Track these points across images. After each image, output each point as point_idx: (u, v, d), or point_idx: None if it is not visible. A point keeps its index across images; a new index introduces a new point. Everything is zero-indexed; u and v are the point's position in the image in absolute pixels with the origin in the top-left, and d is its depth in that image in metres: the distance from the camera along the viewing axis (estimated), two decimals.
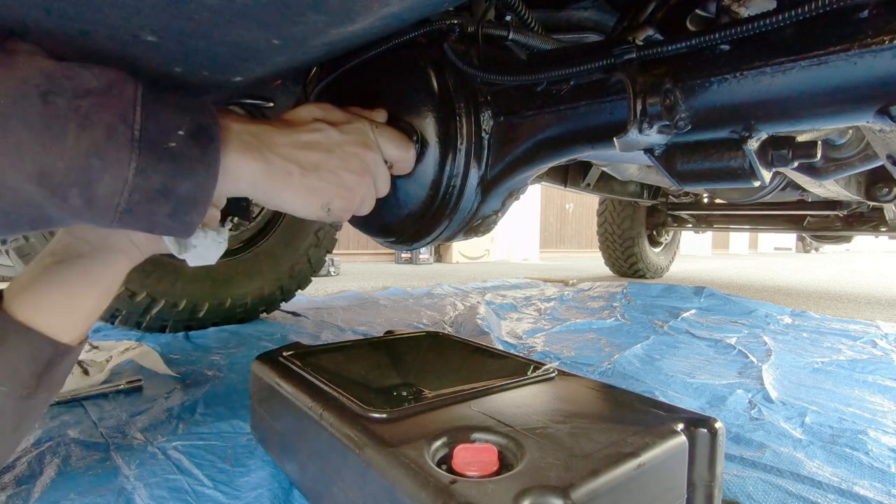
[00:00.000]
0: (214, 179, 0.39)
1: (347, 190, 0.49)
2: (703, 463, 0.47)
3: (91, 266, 0.48)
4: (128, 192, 0.35)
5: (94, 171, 0.34)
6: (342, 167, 0.49)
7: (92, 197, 0.34)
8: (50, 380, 0.46)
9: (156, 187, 0.36)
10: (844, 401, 0.98)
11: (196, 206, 0.38)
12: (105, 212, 0.35)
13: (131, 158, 0.35)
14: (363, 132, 0.52)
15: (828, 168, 0.84)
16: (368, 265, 4.71)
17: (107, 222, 0.36)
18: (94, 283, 0.48)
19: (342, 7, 0.42)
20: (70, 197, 0.34)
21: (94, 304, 0.48)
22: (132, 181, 0.35)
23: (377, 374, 0.68)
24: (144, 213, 0.37)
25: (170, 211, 0.37)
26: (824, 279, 3.96)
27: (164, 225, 0.38)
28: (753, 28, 0.39)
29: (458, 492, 0.36)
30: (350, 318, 1.72)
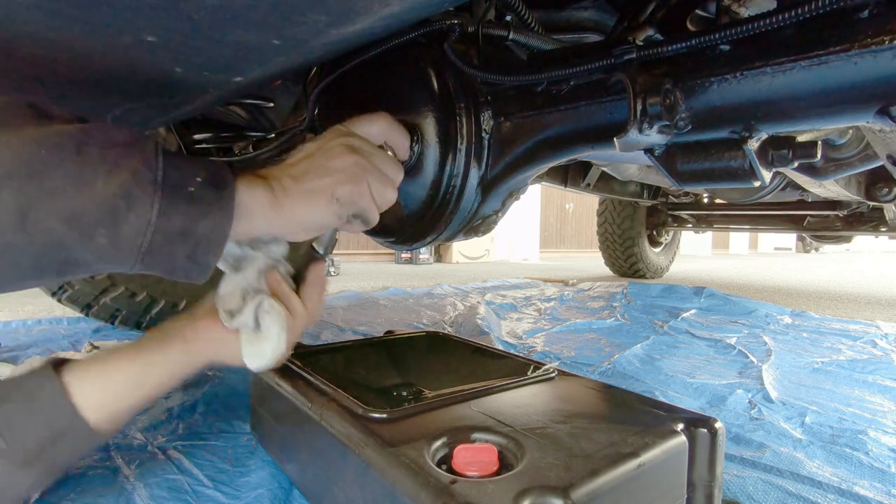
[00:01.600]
0: (230, 219, 0.42)
1: (342, 172, 0.49)
2: (703, 463, 0.47)
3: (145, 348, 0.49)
4: (150, 233, 0.38)
5: (120, 212, 0.37)
6: (326, 159, 0.50)
7: (117, 237, 0.37)
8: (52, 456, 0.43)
9: (176, 228, 0.39)
10: (844, 401, 0.98)
11: (212, 246, 0.41)
12: (129, 252, 0.38)
13: (154, 200, 0.38)
14: (334, 130, 0.53)
15: (828, 168, 0.84)
16: (368, 265, 4.71)
17: (129, 263, 0.39)
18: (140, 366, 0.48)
19: (342, 7, 0.42)
20: (97, 237, 0.37)
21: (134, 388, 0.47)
22: (155, 222, 0.38)
23: (377, 374, 0.68)
24: (165, 254, 0.39)
25: (188, 252, 0.40)
26: (824, 279, 3.96)
27: (182, 267, 0.41)
28: (753, 28, 0.39)
29: (458, 492, 0.36)
30: (350, 318, 1.72)
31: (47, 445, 0.43)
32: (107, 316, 1.29)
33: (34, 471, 0.43)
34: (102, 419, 0.45)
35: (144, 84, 0.59)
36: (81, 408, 0.44)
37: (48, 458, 0.43)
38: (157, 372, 0.49)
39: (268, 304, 0.51)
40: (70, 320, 1.50)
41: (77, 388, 0.44)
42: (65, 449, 0.44)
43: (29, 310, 1.77)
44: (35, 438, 0.42)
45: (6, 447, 0.41)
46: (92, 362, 0.46)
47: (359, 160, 0.50)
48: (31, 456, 0.42)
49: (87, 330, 1.41)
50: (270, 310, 0.51)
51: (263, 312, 0.51)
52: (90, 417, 0.44)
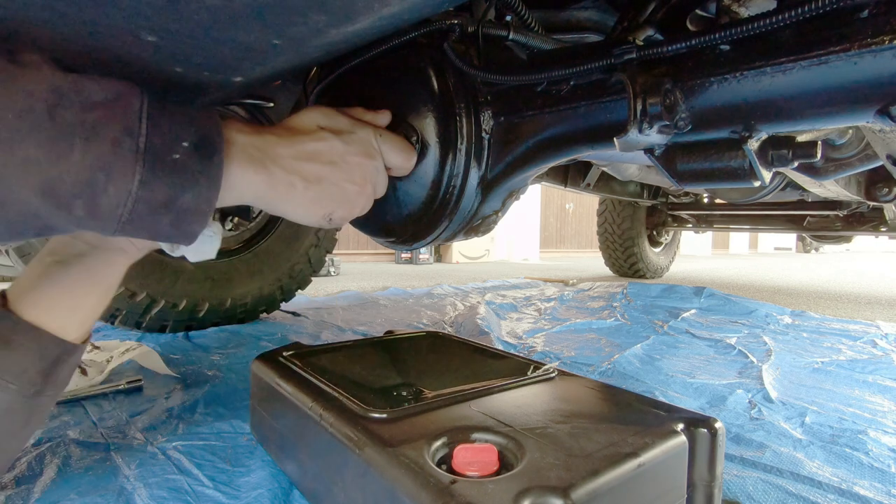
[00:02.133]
0: (217, 191, 0.39)
1: (349, 200, 0.50)
2: (703, 463, 0.47)
3: (91, 264, 0.49)
4: (131, 204, 0.36)
5: (98, 184, 0.34)
6: (345, 179, 0.49)
7: (96, 208, 0.35)
8: (56, 378, 0.47)
9: (159, 199, 0.37)
10: (844, 401, 0.98)
11: (198, 216, 0.39)
12: (108, 222, 0.36)
13: (136, 171, 0.35)
14: (366, 142, 0.53)
15: (828, 168, 0.84)
16: (368, 265, 4.71)
17: (109, 231, 0.37)
18: (95, 282, 0.49)
19: (342, 7, 0.42)
20: (74, 209, 0.35)
21: (95, 302, 0.49)
22: (136, 193, 0.36)
23: (377, 374, 0.68)
24: (146, 223, 0.37)
25: (171, 220, 0.38)
26: (824, 279, 3.96)
27: (165, 234, 0.39)
28: (753, 28, 0.39)
29: (458, 492, 0.36)
30: (350, 318, 1.72)
31: (50, 372, 0.45)
32: (107, 316, 1.29)
33: (43, 398, 0.46)
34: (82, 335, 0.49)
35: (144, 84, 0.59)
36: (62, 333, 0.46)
37: (52, 380, 0.46)
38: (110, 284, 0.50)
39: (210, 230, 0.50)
40: None
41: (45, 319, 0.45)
42: (63, 369, 0.47)
43: None
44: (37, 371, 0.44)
45: (17, 387, 0.43)
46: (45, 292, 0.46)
47: (367, 191, 0.51)
48: (41, 385, 0.45)
49: None
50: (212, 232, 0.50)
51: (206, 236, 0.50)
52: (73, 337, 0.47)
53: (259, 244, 1.54)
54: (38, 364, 0.44)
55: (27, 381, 0.44)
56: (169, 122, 0.37)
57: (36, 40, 0.45)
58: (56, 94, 0.34)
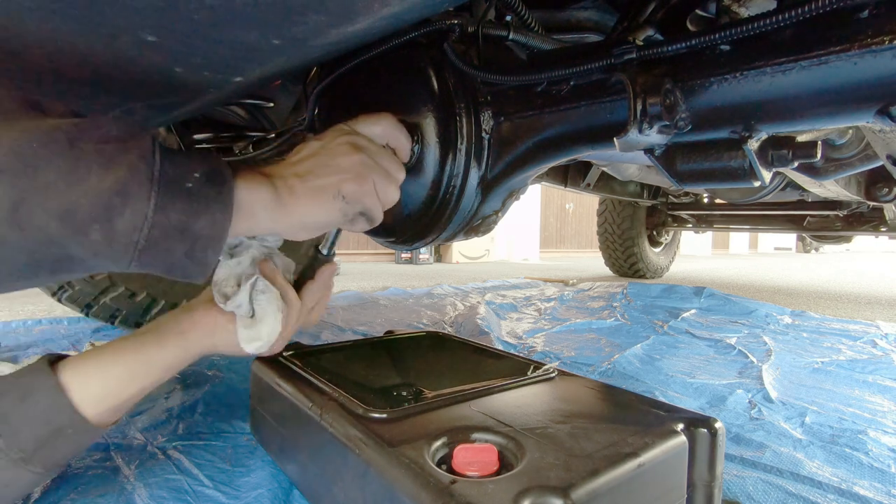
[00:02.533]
0: (230, 216, 0.41)
1: (348, 171, 0.49)
2: (703, 463, 0.47)
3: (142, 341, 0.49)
4: (147, 229, 0.37)
5: (115, 208, 0.36)
6: (331, 157, 0.50)
7: (112, 233, 0.36)
8: (51, 452, 0.43)
9: (174, 224, 0.38)
10: (844, 401, 0.98)
11: (212, 243, 0.40)
12: (124, 249, 0.37)
13: (151, 195, 0.37)
14: (337, 128, 0.53)
15: (828, 168, 0.84)
16: (368, 265, 4.71)
17: (125, 261, 0.38)
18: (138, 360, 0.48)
19: (342, 7, 0.42)
20: (91, 233, 0.35)
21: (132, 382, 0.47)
22: (151, 217, 0.37)
23: (377, 374, 0.68)
24: (162, 251, 0.38)
25: (187, 249, 0.39)
26: (824, 279, 3.96)
27: (181, 265, 0.40)
28: (753, 28, 0.39)
29: (458, 492, 0.36)
30: (350, 318, 1.72)
31: (46, 442, 0.43)
32: (107, 316, 1.29)
33: (33, 468, 0.43)
34: (101, 414, 0.46)
35: (144, 84, 0.59)
36: (79, 403, 0.44)
37: (47, 454, 0.43)
38: (154, 364, 0.49)
39: (262, 284, 0.51)
40: (70, 320, 1.50)
41: (74, 384, 0.44)
42: (64, 445, 0.44)
43: (29, 310, 1.77)
44: (33, 435, 0.42)
45: (4, 444, 0.41)
46: (87, 357, 0.46)
47: (364, 158, 0.50)
48: (30, 453, 0.42)
49: (87, 330, 1.41)
50: (266, 290, 0.51)
51: (258, 293, 0.50)
52: (88, 413, 0.44)
53: None
54: (36, 427, 0.42)
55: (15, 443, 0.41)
56: (180, 156, 0.40)
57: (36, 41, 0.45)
58: (76, 128, 0.36)
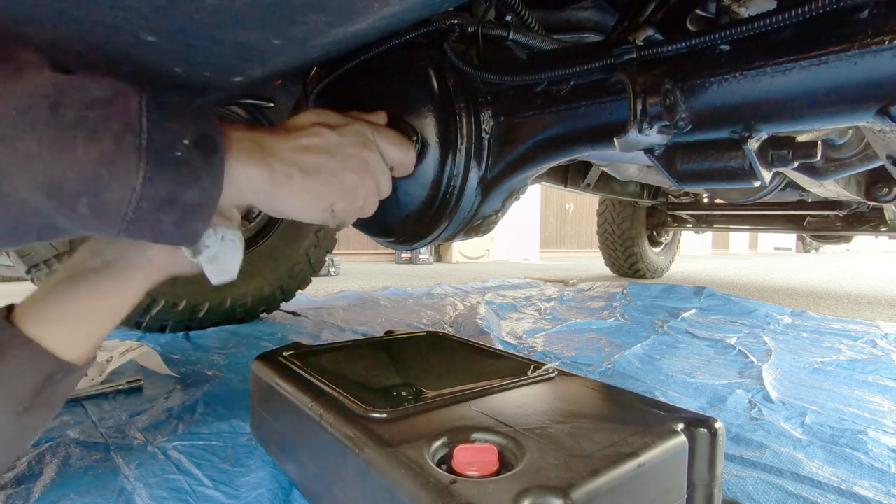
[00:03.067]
0: (220, 187, 0.39)
1: (349, 191, 0.49)
2: (703, 463, 0.47)
3: (103, 282, 0.47)
4: (135, 201, 0.35)
5: (102, 181, 0.34)
6: (343, 168, 0.49)
7: (100, 206, 0.35)
8: (48, 397, 0.44)
9: (162, 196, 0.36)
10: (844, 401, 0.98)
11: (201, 213, 0.39)
12: (112, 221, 0.36)
13: (139, 167, 0.35)
14: (362, 133, 0.52)
15: (828, 168, 0.84)
16: (368, 265, 4.71)
17: (113, 232, 0.37)
18: (104, 300, 0.47)
19: (342, 7, 0.42)
20: (78, 207, 0.34)
21: (103, 321, 0.47)
22: (140, 190, 0.35)
23: (377, 374, 0.68)
24: (150, 221, 0.37)
25: (175, 219, 0.38)
26: (824, 279, 3.96)
27: (169, 233, 0.38)
28: (753, 28, 0.39)
29: (458, 492, 0.36)
30: (350, 318, 1.72)
31: (42, 389, 0.43)
32: None
33: (32, 418, 0.44)
34: (83, 355, 0.47)
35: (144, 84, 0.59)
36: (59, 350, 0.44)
37: (45, 399, 0.44)
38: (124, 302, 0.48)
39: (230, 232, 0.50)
40: None
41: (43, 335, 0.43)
42: (58, 388, 0.45)
43: None
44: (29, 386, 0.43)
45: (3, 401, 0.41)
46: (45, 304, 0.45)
47: (368, 183, 0.50)
48: (29, 402, 0.43)
49: None
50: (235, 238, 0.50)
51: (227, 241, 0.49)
52: (72, 356, 0.45)
53: (259, 244, 1.54)
54: (28, 380, 0.43)
55: (14, 397, 0.42)
56: (168, 120, 0.37)
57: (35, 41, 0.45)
58: (57, 91, 0.34)
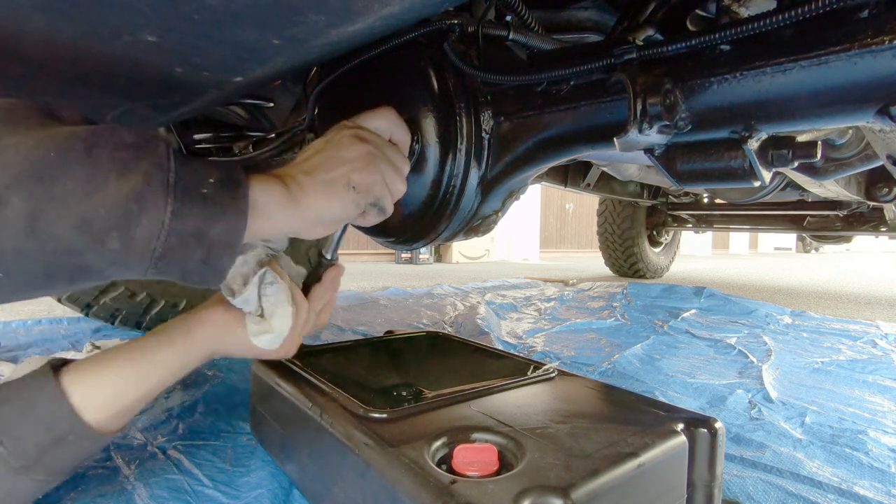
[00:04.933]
0: (244, 221, 0.41)
1: (356, 160, 0.49)
2: (703, 463, 0.47)
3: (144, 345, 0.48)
4: (164, 236, 0.37)
5: (132, 216, 0.36)
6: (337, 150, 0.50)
7: (130, 240, 0.36)
8: (53, 460, 0.42)
9: (190, 231, 0.38)
10: (844, 401, 0.98)
11: (228, 249, 0.40)
12: (142, 257, 0.37)
13: (167, 202, 0.37)
14: (340, 125, 0.53)
15: (828, 168, 0.84)
16: (368, 265, 4.71)
17: (142, 269, 0.38)
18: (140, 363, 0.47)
19: (342, 7, 0.42)
20: (109, 241, 0.35)
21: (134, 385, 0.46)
22: (168, 224, 0.37)
23: (377, 374, 0.68)
24: (179, 258, 0.38)
25: (203, 256, 0.39)
26: (824, 279, 3.96)
27: (197, 271, 0.40)
28: (753, 28, 0.39)
29: (458, 492, 0.36)
30: (350, 318, 1.72)
31: (48, 449, 0.42)
32: (107, 316, 1.29)
33: (35, 475, 0.42)
34: (105, 419, 0.45)
35: (144, 84, 0.59)
36: (82, 409, 0.43)
37: (49, 461, 0.42)
38: (158, 366, 0.48)
39: (271, 276, 0.50)
40: (70, 320, 1.50)
41: (76, 390, 0.43)
42: (66, 452, 0.43)
43: (29, 310, 1.77)
44: (34, 442, 0.41)
45: (5, 452, 0.40)
46: (91, 362, 0.45)
47: (370, 149, 0.50)
48: (31, 460, 0.41)
49: (87, 330, 1.41)
50: (274, 281, 0.50)
51: (266, 286, 0.50)
52: (91, 419, 0.43)
53: None
54: (37, 433, 0.41)
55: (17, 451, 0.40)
56: (195, 162, 0.40)
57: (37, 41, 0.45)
58: (92, 135, 0.36)
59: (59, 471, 0.44)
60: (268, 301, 0.50)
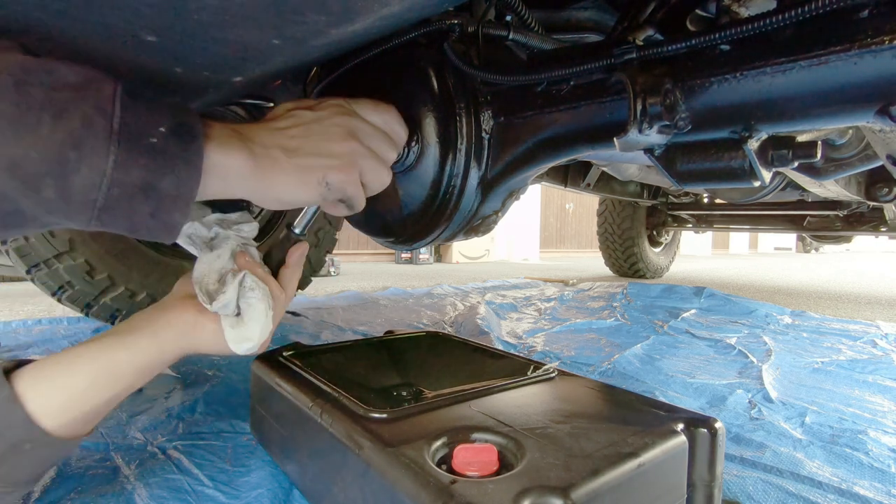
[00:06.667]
0: (198, 175, 0.38)
1: (338, 158, 0.47)
2: (703, 463, 0.47)
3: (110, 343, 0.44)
4: (106, 187, 0.34)
5: (70, 163, 0.33)
6: (324, 138, 0.47)
7: (67, 190, 0.33)
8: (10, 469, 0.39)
9: (136, 183, 0.35)
10: (844, 401, 0.98)
11: (179, 203, 0.37)
12: (82, 207, 0.34)
13: (109, 151, 0.33)
14: (337, 104, 0.50)
15: (828, 168, 0.84)
16: (368, 265, 4.71)
17: (84, 220, 0.35)
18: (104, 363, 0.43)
19: (342, 7, 0.42)
20: (44, 189, 0.33)
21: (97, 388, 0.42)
22: (111, 175, 0.34)
23: (377, 374, 0.68)
24: (124, 210, 0.35)
25: (151, 209, 0.36)
26: (824, 279, 3.96)
27: (145, 225, 0.37)
28: (753, 28, 0.39)
29: (458, 492, 0.36)
30: (350, 318, 1.72)
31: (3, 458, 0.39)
32: (107, 316, 1.29)
33: None
34: (64, 425, 0.41)
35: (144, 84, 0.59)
36: (39, 415, 0.39)
37: (5, 472, 0.39)
38: (123, 369, 0.44)
39: (250, 280, 0.48)
40: (70, 320, 1.50)
41: (31, 394, 0.39)
42: (24, 461, 0.40)
43: (29, 309, 1.77)
44: None
45: None
46: (50, 363, 0.42)
47: (356, 147, 0.48)
48: None
49: (86, 330, 1.41)
50: (255, 286, 0.48)
51: (247, 290, 0.47)
52: (50, 425, 0.40)
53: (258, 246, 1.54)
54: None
55: None
56: (144, 108, 0.36)
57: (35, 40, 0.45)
58: (25, 71, 0.33)
59: (19, 481, 0.41)
60: (249, 307, 0.47)
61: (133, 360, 0.44)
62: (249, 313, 0.47)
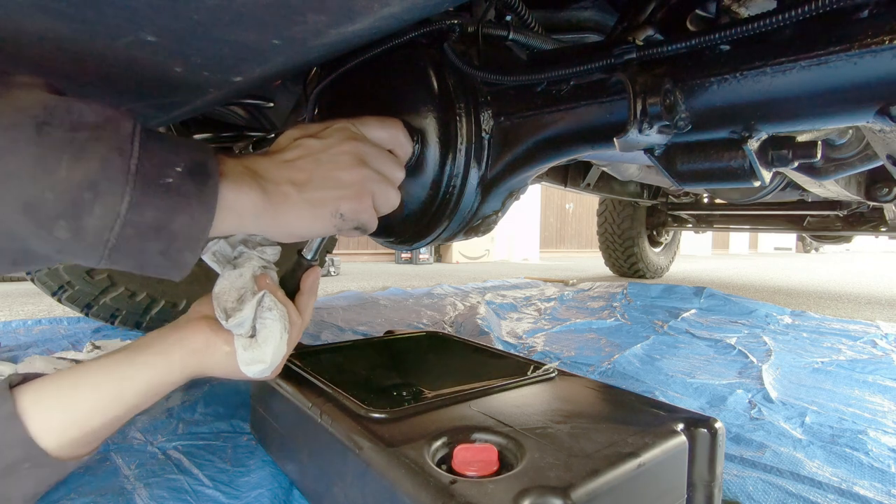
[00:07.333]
0: (211, 215, 0.37)
1: (349, 188, 0.47)
2: (703, 463, 0.47)
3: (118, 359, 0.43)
4: (119, 227, 0.34)
5: (84, 204, 0.33)
6: (334, 168, 0.47)
7: (80, 231, 0.33)
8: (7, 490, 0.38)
9: (148, 223, 0.35)
10: (844, 401, 0.98)
11: (190, 243, 0.37)
12: (94, 247, 0.34)
13: (125, 192, 0.34)
14: (343, 129, 0.50)
15: (828, 168, 0.84)
16: (368, 265, 4.71)
17: (95, 259, 0.35)
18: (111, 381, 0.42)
19: (342, 8, 0.42)
20: (57, 229, 0.33)
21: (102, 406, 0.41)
22: (124, 215, 0.34)
23: (377, 374, 0.68)
24: (135, 250, 0.35)
25: (162, 248, 0.36)
26: (824, 279, 3.96)
27: (155, 264, 0.37)
28: (753, 28, 0.39)
29: (458, 492, 0.36)
30: (350, 318, 1.72)
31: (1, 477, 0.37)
32: (107, 316, 1.29)
33: None
34: (65, 446, 0.39)
35: (144, 84, 0.59)
36: (40, 434, 0.38)
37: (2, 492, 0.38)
38: (128, 388, 0.42)
39: (269, 301, 0.47)
40: (70, 320, 1.50)
41: (34, 412, 0.38)
42: (21, 482, 0.38)
43: (29, 310, 1.77)
44: None
45: None
46: (55, 380, 0.40)
47: (366, 173, 0.48)
48: None
49: (86, 330, 1.41)
50: (273, 307, 0.47)
51: (265, 310, 0.47)
52: (51, 445, 0.38)
53: None
54: None
55: None
56: (161, 147, 0.36)
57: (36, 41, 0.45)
58: (45, 111, 0.33)
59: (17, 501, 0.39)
60: (264, 327, 0.47)
61: (140, 379, 0.43)
62: (264, 334, 0.46)
